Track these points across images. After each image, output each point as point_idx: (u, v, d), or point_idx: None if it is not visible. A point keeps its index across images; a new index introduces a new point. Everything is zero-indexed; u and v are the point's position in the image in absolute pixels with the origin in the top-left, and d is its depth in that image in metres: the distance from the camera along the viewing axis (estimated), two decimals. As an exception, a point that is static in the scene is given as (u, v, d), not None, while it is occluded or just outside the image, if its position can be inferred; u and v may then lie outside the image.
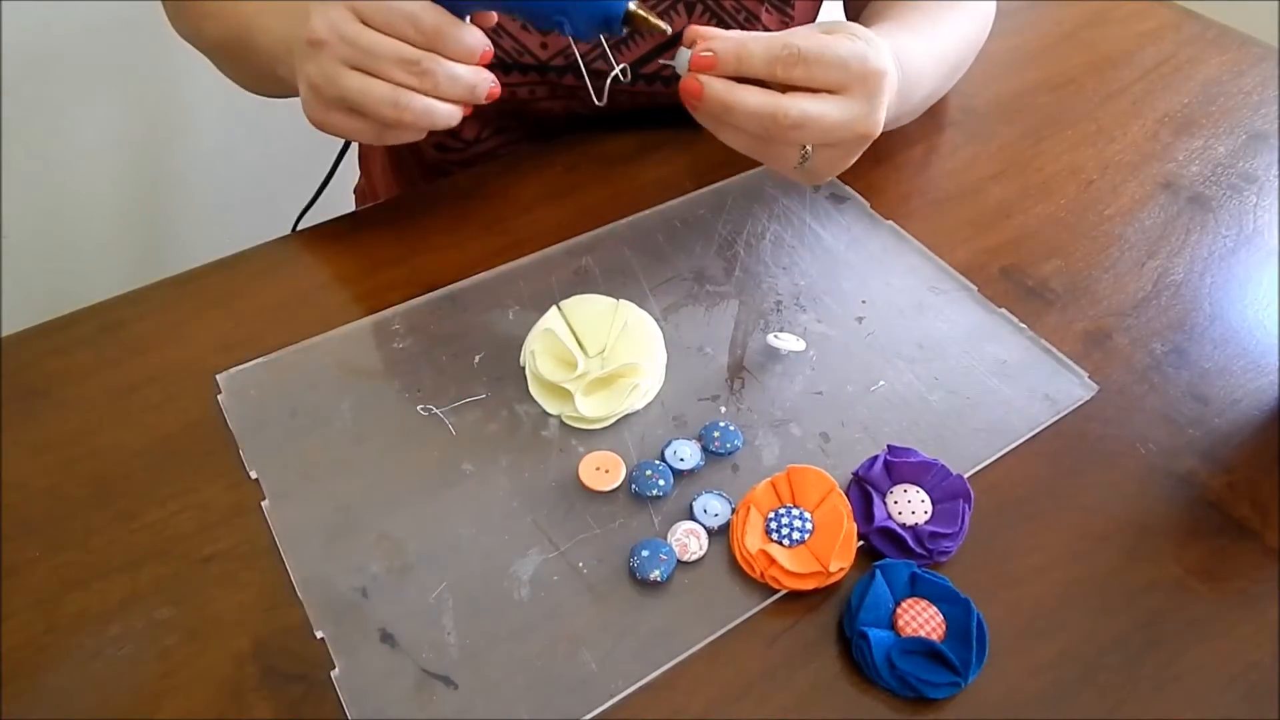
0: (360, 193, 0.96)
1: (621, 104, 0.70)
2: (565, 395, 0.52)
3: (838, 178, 0.66)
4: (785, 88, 0.50)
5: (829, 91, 0.50)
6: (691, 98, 0.51)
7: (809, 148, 0.51)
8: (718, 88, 0.50)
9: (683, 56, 0.51)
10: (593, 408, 0.51)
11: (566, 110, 0.70)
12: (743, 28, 0.67)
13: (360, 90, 0.50)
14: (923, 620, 0.43)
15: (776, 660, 0.43)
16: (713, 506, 0.48)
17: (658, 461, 0.50)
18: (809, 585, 0.44)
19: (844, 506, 0.46)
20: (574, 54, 0.66)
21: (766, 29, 0.68)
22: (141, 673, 0.42)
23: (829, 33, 0.51)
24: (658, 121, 0.71)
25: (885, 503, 0.48)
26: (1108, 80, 0.78)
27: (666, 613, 0.44)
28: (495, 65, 0.66)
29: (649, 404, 0.53)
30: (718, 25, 0.67)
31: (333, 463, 0.50)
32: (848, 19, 0.75)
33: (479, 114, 0.73)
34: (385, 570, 0.45)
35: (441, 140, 0.75)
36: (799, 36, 0.49)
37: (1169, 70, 0.79)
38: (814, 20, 0.73)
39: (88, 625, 0.44)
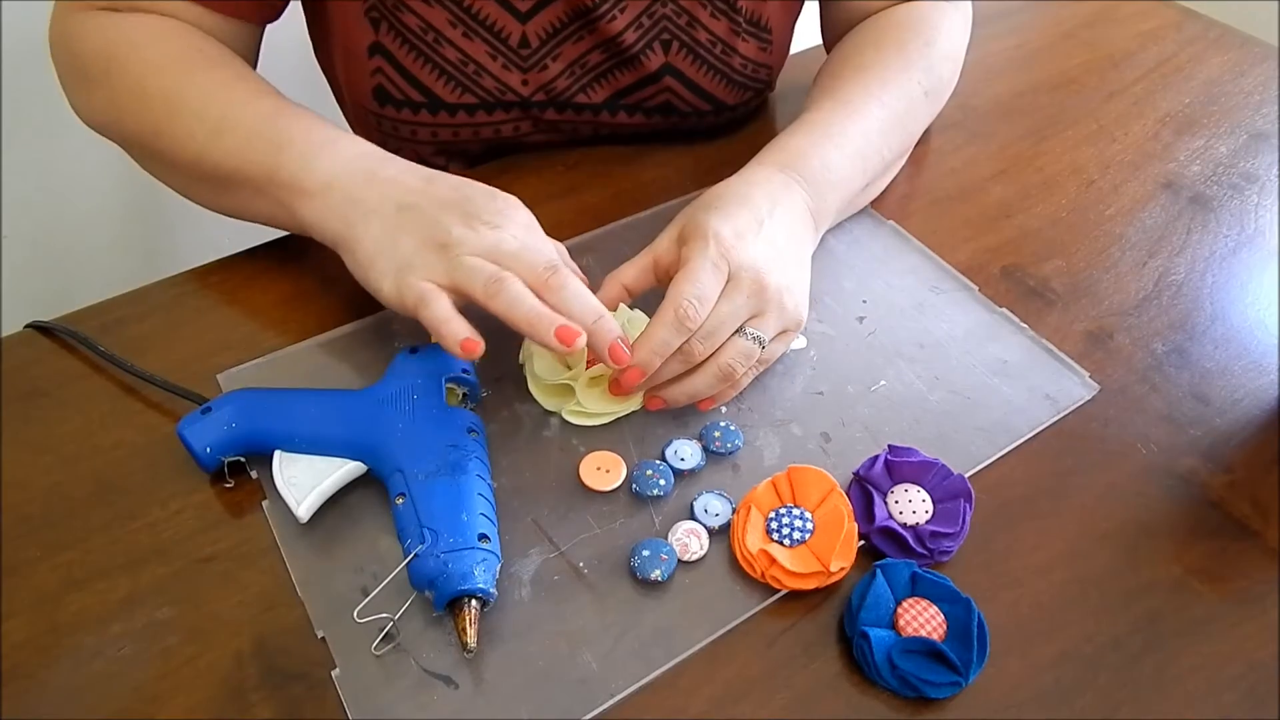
0: None
1: (603, 136, 0.70)
2: (565, 394, 0.52)
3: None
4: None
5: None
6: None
7: (757, 336, 0.50)
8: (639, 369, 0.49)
9: None
10: (595, 401, 0.51)
11: (549, 144, 0.71)
12: (720, 59, 0.66)
13: (472, 265, 0.48)
14: (923, 620, 0.43)
15: (777, 660, 0.43)
16: (713, 506, 0.48)
17: (658, 461, 0.50)
18: (810, 585, 0.44)
19: (845, 506, 0.46)
20: (554, 89, 0.66)
21: (745, 58, 0.67)
22: (141, 673, 0.42)
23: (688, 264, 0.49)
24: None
25: (886, 502, 0.48)
26: (1109, 80, 0.78)
27: (667, 613, 0.44)
28: (480, 105, 0.66)
29: (649, 404, 0.53)
30: (694, 58, 0.66)
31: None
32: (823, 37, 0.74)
33: (470, 157, 0.73)
34: (385, 570, 0.45)
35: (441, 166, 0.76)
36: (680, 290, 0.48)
37: (1170, 70, 0.79)
38: (790, 38, 0.72)
39: (88, 625, 0.44)
